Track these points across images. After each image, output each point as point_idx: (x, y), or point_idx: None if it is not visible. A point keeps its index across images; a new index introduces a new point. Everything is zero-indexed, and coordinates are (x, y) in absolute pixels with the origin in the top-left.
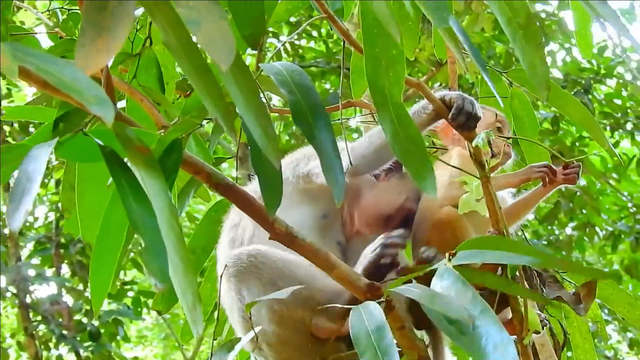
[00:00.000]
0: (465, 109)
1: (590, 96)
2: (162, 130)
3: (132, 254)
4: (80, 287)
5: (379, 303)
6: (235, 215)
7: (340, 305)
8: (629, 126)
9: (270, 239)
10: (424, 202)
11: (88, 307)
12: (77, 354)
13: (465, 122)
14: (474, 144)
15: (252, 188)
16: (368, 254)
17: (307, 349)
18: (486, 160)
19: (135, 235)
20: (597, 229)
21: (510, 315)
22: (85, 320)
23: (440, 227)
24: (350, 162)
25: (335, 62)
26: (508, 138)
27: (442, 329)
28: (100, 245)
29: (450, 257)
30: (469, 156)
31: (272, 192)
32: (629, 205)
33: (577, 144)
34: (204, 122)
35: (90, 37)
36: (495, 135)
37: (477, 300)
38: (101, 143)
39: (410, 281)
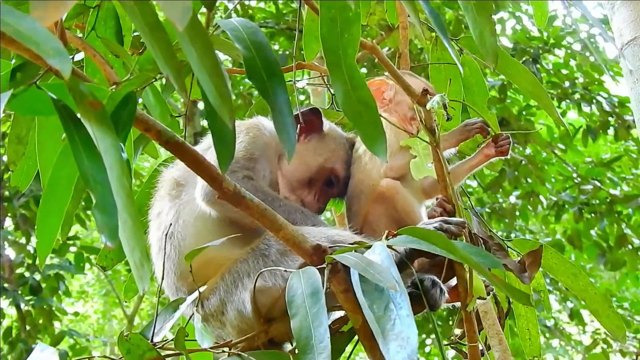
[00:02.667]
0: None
1: (538, 66)
2: (114, 87)
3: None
4: (23, 240)
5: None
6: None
7: (283, 269)
8: (576, 96)
9: (218, 198)
10: (359, 173)
11: (30, 261)
12: (18, 308)
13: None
14: (428, 107)
15: (200, 148)
16: (422, 226)
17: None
18: (436, 125)
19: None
20: (541, 198)
21: (454, 282)
22: (27, 274)
23: (381, 202)
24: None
25: (285, 23)
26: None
27: (363, 304)
28: (47, 198)
29: (389, 237)
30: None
31: (225, 148)
32: (574, 175)
33: (524, 112)
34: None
35: None
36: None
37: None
38: (54, 97)
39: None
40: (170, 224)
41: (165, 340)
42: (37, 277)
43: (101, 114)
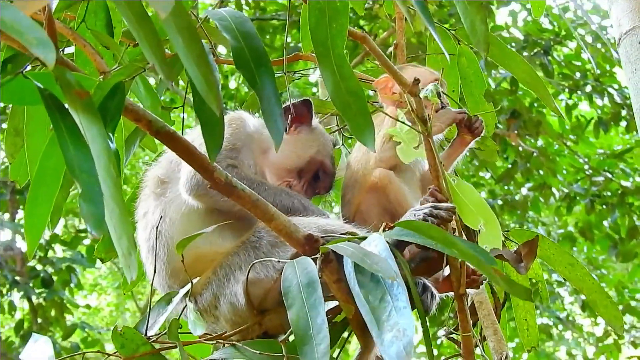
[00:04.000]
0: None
1: (550, 57)
2: (103, 76)
3: None
4: None
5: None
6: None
7: (276, 259)
8: (587, 88)
9: (210, 188)
10: (353, 163)
11: (42, 254)
12: (30, 301)
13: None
14: (422, 95)
15: (190, 138)
16: (412, 213)
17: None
18: (428, 115)
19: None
20: (553, 190)
21: (447, 272)
22: (38, 267)
23: (374, 192)
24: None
25: (297, 15)
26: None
27: (357, 295)
28: (35, 188)
29: (386, 229)
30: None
31: (214, 137)
32: (585, 167)
33: (535, 104)
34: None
35: None
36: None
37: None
38: (41, 86)
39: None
40: (159, 221)
41: (159, 334)
42: (49, 270)
43: (88, 103)
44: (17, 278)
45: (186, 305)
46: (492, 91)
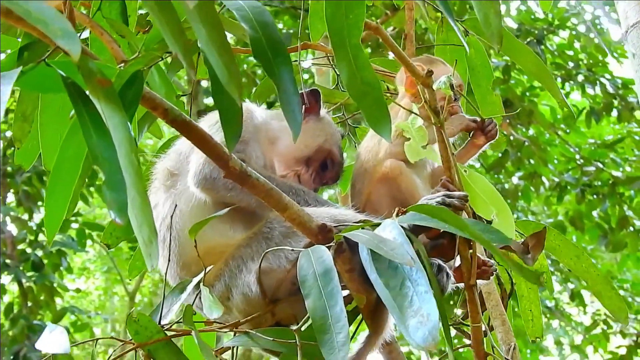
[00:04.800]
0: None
1: (542, 47)
2: (122, 65)
3: None
4: (25, 216)
5: (330, 246)
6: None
7: (290, 248)
8: (580, 78)
9: (224, 177)
10: (364, 153)
11: (32, 237)
12: (20, 284)
13: None
14: (435, 87)
15: (203, 125)
16: (425, 201)
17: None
18: (440, 107)
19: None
20: (543, 179)
21: (457, 263)
22: (29, 250)
23: (384, 182)
24: None
25: (289, 2)
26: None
27: (375, 282)
28: (56, 175)
29: (399, 214)
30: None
31: (232, 125)
32: (577, 157)
33: (527, 93)
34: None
35: None
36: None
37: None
38: (64, 74)
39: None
40: (173, 211)
41: (173, 322)
42: (39, 253)
43: (110, 92)
44: (8, 261)
45: (199, 292)
46: None
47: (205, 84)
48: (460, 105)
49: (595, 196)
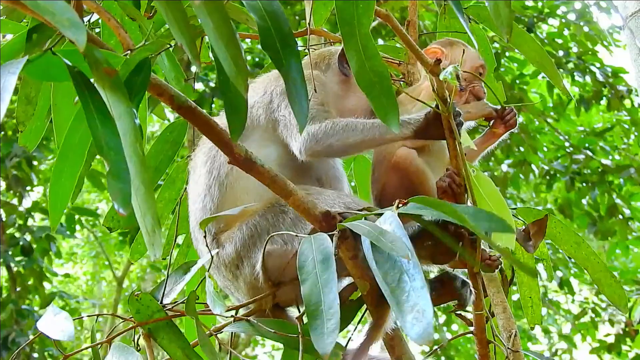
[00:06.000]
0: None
1: (532, 34)
2: (128, 52)
3: None
4: (15, 201)
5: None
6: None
7: (294, 233)
8: (570, 66)
9: (229, 163)
10: None
11: (21, 222)
12: (9, 268)
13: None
14: (441, 77)
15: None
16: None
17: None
18: (449, 96)
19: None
20: (533, 166)
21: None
22: (18, 234)
23: (396, 171)
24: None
25: None
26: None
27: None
28: (60, 163)
29: (400, 205)
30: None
31: (237, 117)
32: (566, 144)
33: (517, 81)
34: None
35: None
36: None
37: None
38: (69, 63)
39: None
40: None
41: (175, 302)
42: (28, 238)
43: (116, 81)
44: None
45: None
46: None
47: (194, 69)
48: (484, 87)
49: (584, 184)
